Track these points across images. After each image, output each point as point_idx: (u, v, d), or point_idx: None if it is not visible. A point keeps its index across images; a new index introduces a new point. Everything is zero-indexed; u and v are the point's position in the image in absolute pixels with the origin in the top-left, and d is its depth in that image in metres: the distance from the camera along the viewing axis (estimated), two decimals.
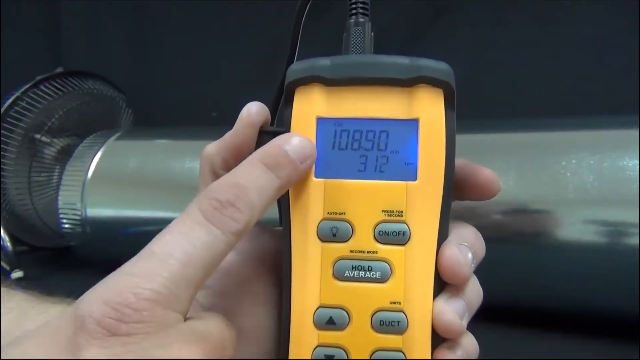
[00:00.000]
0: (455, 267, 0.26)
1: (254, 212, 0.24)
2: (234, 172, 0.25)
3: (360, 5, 0.31)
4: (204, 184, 0.30)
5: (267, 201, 0.25)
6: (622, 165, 0.50)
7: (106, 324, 0.20)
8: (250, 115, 0.29)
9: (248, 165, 0.25)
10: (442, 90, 0.27)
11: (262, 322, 0.29)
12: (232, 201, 0.23)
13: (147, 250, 0.22)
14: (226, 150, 0.29)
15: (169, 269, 0.21)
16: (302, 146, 0.26)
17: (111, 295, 0.21)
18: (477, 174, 0.29)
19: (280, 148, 0.26)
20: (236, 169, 0.25)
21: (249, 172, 0.25)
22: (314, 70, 0.27)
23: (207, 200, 0.23)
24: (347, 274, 0.26)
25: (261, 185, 0.25)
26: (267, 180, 0.25)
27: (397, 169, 0.27)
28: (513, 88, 0.75)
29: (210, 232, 0.23)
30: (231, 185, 0.24)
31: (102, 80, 0.95)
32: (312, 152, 0.27)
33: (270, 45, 0.80)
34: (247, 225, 0.24)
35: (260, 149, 0.26)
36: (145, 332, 0.20)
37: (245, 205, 0.24)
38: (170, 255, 0.22)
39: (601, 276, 0.51)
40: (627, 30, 0.67)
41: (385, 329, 0.26)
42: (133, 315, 0.20)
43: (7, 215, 0.85)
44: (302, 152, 0.26)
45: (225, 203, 0.23)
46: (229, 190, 0.24)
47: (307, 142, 0.26)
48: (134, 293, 0.21)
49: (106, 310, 0.20)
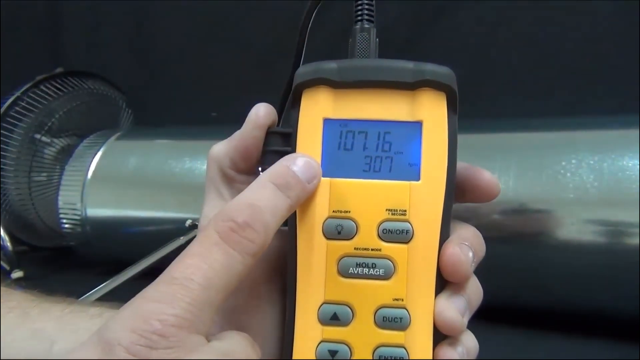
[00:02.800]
0: (457, 266, 0.26)
1: (268, 232, 0.24)
2: (246, 193, 0.26)
3: (366, 12, 0.32)
4: (212, 183, 0.31)
5: (279, 221, 0.25)
6: (622, 165, 0.50)
7: (136, 351, 0.20)
8: (258, 117, 0.29)
9: (259, 186, 0.26)
10: (445, 94, 0.28)
11: (268, 322, 0.29)
12: (249, 222, 0.24)
13: (168, 275, 0.23)
14: (235, 151, 0.30)
15: (190, 293, 0.22)
16: (309, 166, 0.27)
17: (138, 323, 0.21)
18: (478, 177, 0.29)
19: (289, 168, 0.26)
20: (247, 189, 0.26)
21: (261, 192, 0.25)
22: (321, 73, 0.28)
23: (223, 222, 0.24)
24: (351, 271, 0.27)
25: (274, 205, 0.25)
26: (278, 200, 0.25)
27: (401, 169, 0.27)
28: (513, 88, 0.75)
29: (227, 253, 0.23)
30: (246, 206, 0.24)
31: (102, 80, 0.95)
32: (318, 172, 0.27)
33: (271, 45, 0.80)
34: (263, 246, 0.24)
35: (268, 169, 0.27)
36: (173, 357, 0.21)
37: (260, 225, 0.24)
38: (191, 279, 0.22)
39: (601, 276, 0.51)
40: (627, 30, 0.68)
41: (388, 325, 0.26)
42: (161, 341, 0.21)
43: (7, 215, 0.85)
44: (309, 172, 0.26)
45: (242, 224, 0.24)
46: (245, 211, 0.24)
47: (313, 163, 0.27)
48: (159, 320, 0.21)
49: (134, 337, 0.21)
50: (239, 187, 0.30)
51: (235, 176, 0.30)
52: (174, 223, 0.71)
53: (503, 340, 0.52)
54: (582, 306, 0.54)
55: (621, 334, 0.51)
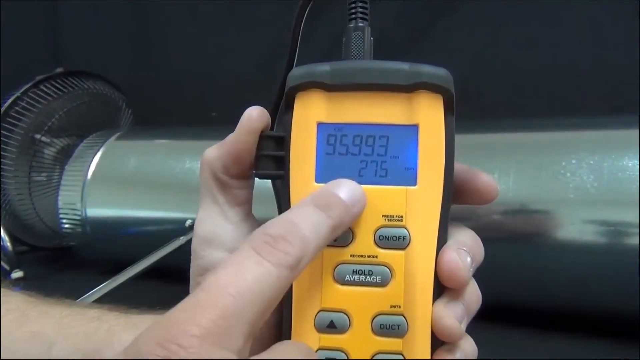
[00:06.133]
0: (454, 272, 0.26)
1: (306, 247, 0.24)
2: (284, 213, 0.25)
3: (359, 10, 0.31)
4: (206, 188, 0.30)
5: (320, 239, 0.25)
6: (622, 165, 0.50)
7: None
8: (251, 121, 0.28)
9: (298, 206, 0.26)
10: (442, 96, 0.27)
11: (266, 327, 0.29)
12: (283, 235, 0.23)
13: (200, 286, 0.22)
14: (227, 156, 0.29)
15: (218, 303, 0.21)
16: (353, 190, 0.26)
17: (161, 332, 0.20)
18: (476, 180, 0.29)
19: (330, 191, 0.26)
20: (287, 212, 0.26)
21: (299, 210, 0.25)
22: (314, 76, 0.27)
23: (258, 236, 0.23)
24: (347, 278, 0.26)
25: (313, 222, 0.25)
26: (318, 218, 0.25)
27: (397, 174, 0.27)
28: (513, 88, 0.75)
29: (260, 264, 0.22)
30: (282, 222, 0.24)
31: (102, 80, 0.95)
32: (363, 197, 0.26)
33: (270, 45, 0.80)
34: (300, 260, 0.23)
35: (310, 194, 0.26)
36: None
37: (296, 239, 0.23)
38: (221, 289, 0.21)
39: (601, 276, 0.51)
40: (627, 30, 0.67)
41: (385, 332, 0.26)
42: (179, 352, 0.20)
43: (7, 215, 0.85)
44: (352, 195, 0.26)
45: (276, 237, 0.23)
46: (280, 226, 0.24)
47: (357, 187, 0.26)
48: (181, 329, 0.20)
49: (154, 347, 0.20)
50: (233, 192, 0.30)
51: (228, 181, 0.30)
52: (174, 223, 0.71)
53: (503, 340, 0.52)
54: (582, 306, 0.54)
55: (621, 334, 0.51)
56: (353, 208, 0.26)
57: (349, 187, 0.26)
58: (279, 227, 0.24)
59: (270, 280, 0.22)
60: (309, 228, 0.24)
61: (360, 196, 0.26)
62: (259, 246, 0.23)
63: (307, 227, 0.24)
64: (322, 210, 0.25)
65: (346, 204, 0.26)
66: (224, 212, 0.30)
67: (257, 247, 0.23)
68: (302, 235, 0.24)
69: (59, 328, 0.36)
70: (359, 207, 0.26)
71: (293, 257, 0.23)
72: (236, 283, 0.21)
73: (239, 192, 0.30)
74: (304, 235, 0.24)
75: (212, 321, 0.20)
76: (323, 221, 0.25)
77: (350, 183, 0.26)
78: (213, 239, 0.29)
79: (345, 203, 0.26)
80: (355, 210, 0.26)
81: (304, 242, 0.23)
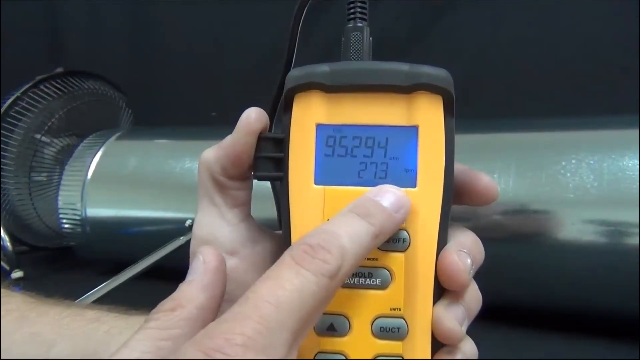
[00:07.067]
0: (455, 274, 0.26)
1: (346, 256, 0.23)
2: (324, 223, 0.25)
3: (358, 10, 0.31)
4: (204, 190, 0.30)
5: (361, 247, 0.24)
6: (622, 165, 0.50)
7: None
8: (249, 122, 0.28)
9: (339, 215, 0.25)
10: (442, 97, 0.27)
11: None
12: (322, 244, 0.23)
13: (243, 296, 0.22)
14: (225, 158, 0.29)
15: (260, 313, 0.21)
16: (395, 196, 0.26)
17: (205, 340, 0.20)
18: (476, 181, 0.29)
19: (371, 198, 0.26)
20: (328, 221, 0.25)
21: (339, 220, 0.25)
22: (313, 77, 0.27)
23: (298, 247, 0.23)
24: (347, 281, 0.26)
25: (352, 231, 0.24)
26: (359, 227, 0.25)
27: (397, 175, 0.27)
28: (513, 88, 0.75)
29: (299, 274, 0.22)
30: (321, 232, 0.24)
31: (102, 80, 0.95)
32: (406, 202, 0.26)
33: (270, 45, 0.80)
34: (340, 269, 0.23)
35: (351, 202, 0.26)
36: None
37: (335, 247, 0.23)
38: (262, 299, 0.21)
39: (601, 276, 0.51)
40: (627, 30, 0.67)
41: (385, 335, 0.26)
42: None
43: (7, 215, 0.85)
44: (395, 201, 0.26)
45: (315, 246, 0.23)
46: (319, 236, 0.24)
47: (399, 193, 0.26)
48: (225, 338, 0.20)
49: (197, 354, 0.20)
50: (232, 194, 0.30)
51: (227, 183, 0.29)
52: (174, 223, 0.71)
53: (503, 340, 0.52)
54: (583, 306, 0.54)
55: (621, 334, 0.51)
56: (396, 214, 0.26)
57: (391, 194, 0.26)
58: (318, 237, 0.24)
59: (311, 290, 0.22)
60: (348, 236, 0.24)
61: (404, 202, 0.26)
62: (299, 256, 0.23)
63: (346, 235, 0.24)
64: (362, 217, 0.25)
65: (388, 210, 0.25)
66: (223, 214, 0.30)
67: (297, 257, 0.23)
68: (341, 244, 0.24)
69: (58, 329, 0.36)
70: (403, 212, 0.26)
71: (332, 265, 0.23)
72: (276, 293, 0.22)
73: (237, 193, 0.30)
74: (343, 244, 0.24)
75: (255, 330, 0.20)
76: (363, 229, 0.25)
77: (391, 189, 0.26)
78: (212, 241, 0.29)
79: (387, 210, 0.25)
80: (398, 216, 0.26)
81: (342, 251, 0.23)
